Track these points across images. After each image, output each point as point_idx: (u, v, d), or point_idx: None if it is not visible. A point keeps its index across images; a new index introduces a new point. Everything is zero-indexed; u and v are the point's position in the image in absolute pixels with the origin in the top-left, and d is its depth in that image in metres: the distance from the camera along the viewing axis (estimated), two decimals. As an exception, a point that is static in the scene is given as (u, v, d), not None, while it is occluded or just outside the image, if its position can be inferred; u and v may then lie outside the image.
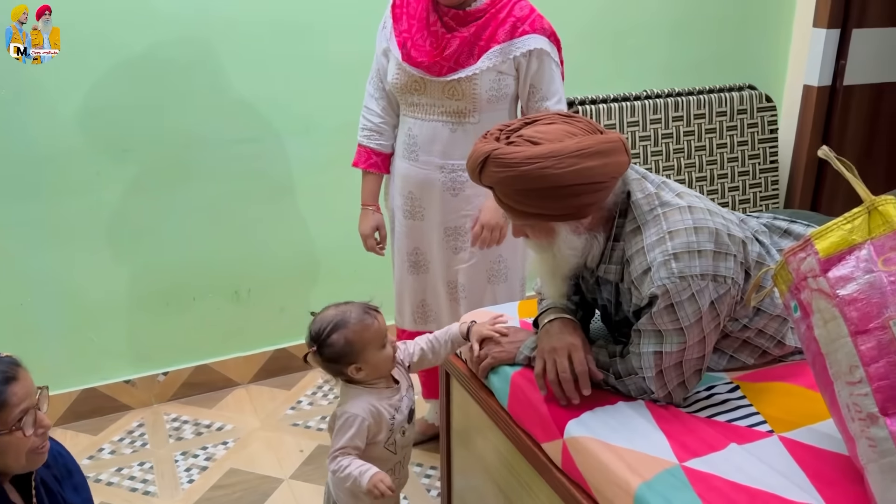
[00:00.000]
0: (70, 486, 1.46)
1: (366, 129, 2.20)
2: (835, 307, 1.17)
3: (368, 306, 1.57)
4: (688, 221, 1.40)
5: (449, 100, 2.02)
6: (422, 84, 2.03)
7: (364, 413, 1.53)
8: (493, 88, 2.00)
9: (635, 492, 1.23)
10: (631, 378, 1.46)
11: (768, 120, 3.37)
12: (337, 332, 1.52)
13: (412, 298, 2.29)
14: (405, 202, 2.19)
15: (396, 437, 1.61)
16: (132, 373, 2.77)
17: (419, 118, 2.09)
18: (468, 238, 2.15)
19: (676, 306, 1.37)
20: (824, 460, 1.29)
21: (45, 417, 1.29)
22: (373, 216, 2.26)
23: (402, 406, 1.61)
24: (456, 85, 1.99)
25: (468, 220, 2.13)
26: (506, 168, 1.35)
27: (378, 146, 2.20)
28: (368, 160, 2.21)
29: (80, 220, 2.54)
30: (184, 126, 2.58)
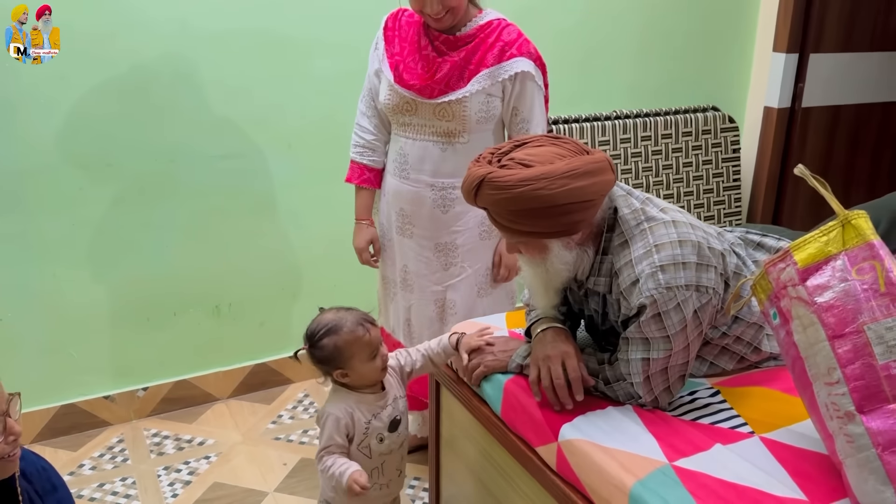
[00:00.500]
0: (54, 501, 1.45)
1: (358, 145, 2.26)
2: (813, 313, 1.26)
3: (366, 318, 1.62)
4: (672, 235, 1.48)
5: (439, 121, 2.09)
6: (413, 105, 2.10)
7: (339, 412, 1.60)
8: (482, 110, 2.08)
9: (630, 490, 1.30)
10: (619, 384, 1.53)
11: (731, 140, 3.51)
12: (329, 336, 1.58)
13: (401, 314, 2.35)
14: (397, 218, 2.25)
15: (371, 443, 1.64)
16: (112, 388, 2.76)
17: (410, 138, 2.15)
18: (459, 254, 2.21)
19: (663, 315, 1.45)
20: (803, 458, 1.38)
21: (15, 424, 1.27)
22: (367, 230, 2.31)
23: (382, 413, 1.65)
24: (446, 107, 2.06)
25: (458, 237, 2.20)
26: (500, 190, 1.42)
27: (371, 162, 2.25)
28: (361, 176, 2.26)
29: (62, 235, 2.54)
30: (167, 141, 2.61)
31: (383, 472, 1.69)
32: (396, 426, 1.68)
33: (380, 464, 1.68)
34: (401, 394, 1.72)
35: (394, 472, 1.72)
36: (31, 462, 1.44)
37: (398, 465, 1.73)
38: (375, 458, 1.66)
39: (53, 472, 1.49)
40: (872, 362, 1.20)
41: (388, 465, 1.70)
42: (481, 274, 2.25)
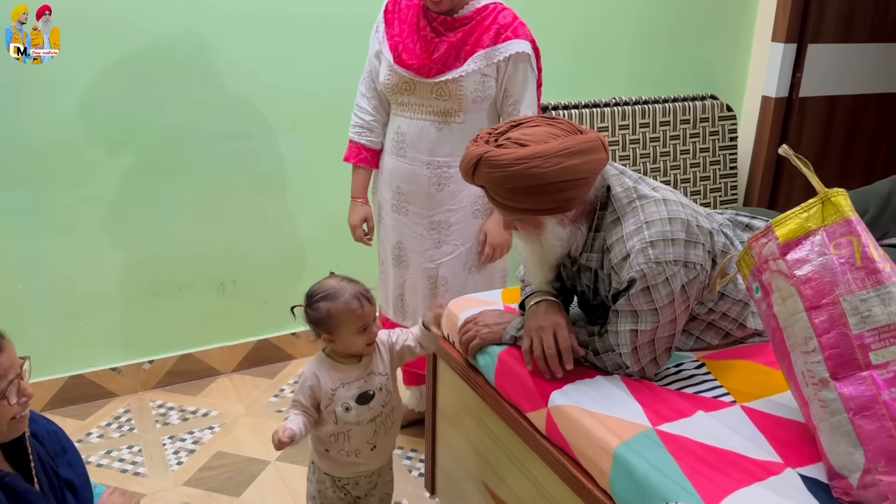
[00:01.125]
0: (65, 463, 1.50)
1: (357, 125, 2.32)
2: (792, 286, 1.32)
3: (364, 293, 1.69)
4: (662, 212, 1.55)
5: (437, 100, 2.16)
6: (411, 85, 2.16)
7: (309, 374, 1.70)
8: (477, 90, 2.14)
9: (614, 451, 1.37)
10: (608, 354, 1.60)
11: (728, 128, 3.56)
12: (325, 301, 1.66)
13: (394, 291, 2.42)
14: (393, 196, 2.31)
15: (336, 409, 1.69)
16: (119, 360, 2.83)
17: (408, 117, 2.22)
18: (452, 232, 2.28)
19: (652, 289, 1.51)
20: (781, 426, 1.44)
21: (27, 387, 1.34)
22: (361, 208, 2.38)
23: (352, 384, 1.70)
24: (443, 86, 2.13)
25: (452, 215, 2.26)
26: (497, 169, 1.48)
27: (368, 142, 2.32)
28: (359, 155, 2.33)
29: (73, 211, 2.61)
30: (177, 121, 2.67)
31: (349, 439, 1.73)
32: (367, 400, 1.71)
33: (345, 430, 1.72)
34: (382, 371, 1.75)
35: (363, 444, 1.74)
36: (42, 425, 1.49)
37: (369, 439, 1.75)
38: (340, 424, 1.71)
39: (63, 436, 1.55)
40: (847, 332, 1.26)
41: (356, 435, 1.73)
42: (473, 252, 2.32)
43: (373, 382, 1.73)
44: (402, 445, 2.58)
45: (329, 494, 1.83)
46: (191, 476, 2.41)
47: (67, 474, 1.49)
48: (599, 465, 1.40)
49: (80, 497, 1.51)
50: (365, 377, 1.73)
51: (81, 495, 1.51)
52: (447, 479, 2.07)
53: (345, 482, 1.81)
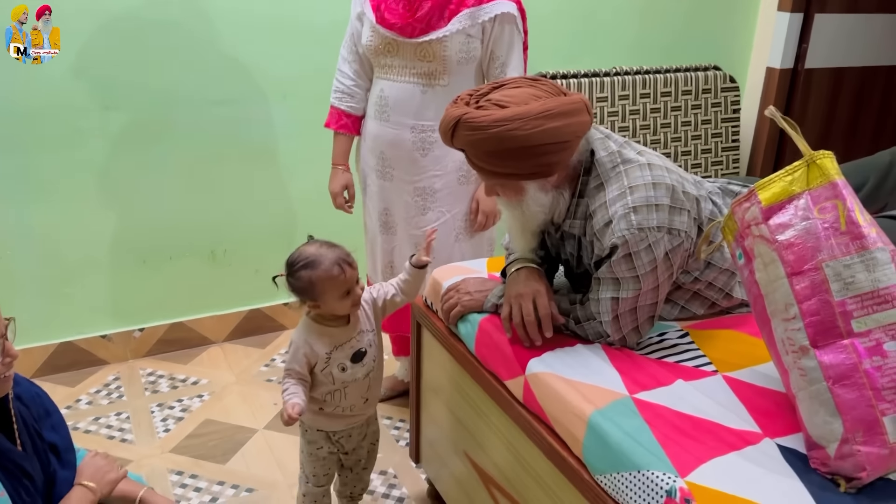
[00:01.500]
0: (48, 426, 1.50)
1: (338, 91, 2.28)
2: (774, 251, 1.28)
3: (345, 258, 1.66)
4: (647, 177, 1.50)
5: (420, 61, 2.11)
6: (394, 46, 2.11)
7: (300, 342, 1.69)
8: (462, 51, 2.09)
9: (588, 418, 1.34)
10: (589, 323, 1.57)
11: (731, 100, 3.49)
12: (306, 270, 1.64)
13: (382, 258, 2.39)
14: (377, 162, 2.28)
15: (333, 371, 1.70)
16: (109, 328, 2.82)
17: (391, 80, 2.17)
18: (438, 198, 2.24)
19: (634, 256, 1.48)
20: (763, 396, 1.41)
21: (12, 347, 1.33)
22: (342, 175, 2.34)
23: (346, 345, 1.70)
24: (427, 46, 2.08)
25: (437, 181, 2.23)
26: (476, 131, 1.44)
27: (349, 108, 2.28)
28: (339, 121, 2.29)
29: (60, 176, 2.58)
30: (165, 86, 2.63)
31: (345, 395, 1.75)
32: (360, 357, 1.73)
33: (342, 387, 1.74)
34: (369, 327, 1.76)
35: (358, 398, 1.77)
36: (26, 388, 1.49)
37: (363, 393, 1.78)
38: (338, 383, 1.73)
39: (47, 399, 1.54)
40: (828, 298, 1.22)
41: (352, 391, 1.75)
42: (459, 219, 2.28)
43: (363, 340, 1.74)
44: (391, 416, 2.57)
45: (322, 454, 1.83)
46: (178, 443, 2.40)
47: (51, 437, 1.49)
48: (573, 432, 1.37)
49: (63, 460, 1.51)
50: (356, 336, 1.73)
51: (65, 458, 1.51)
52: (431, 448, 2.05)
53: (339, 436, 1.83)
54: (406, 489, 2.23)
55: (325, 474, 1.87)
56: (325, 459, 1.84)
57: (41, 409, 1.51)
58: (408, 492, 2.22)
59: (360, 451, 1.90)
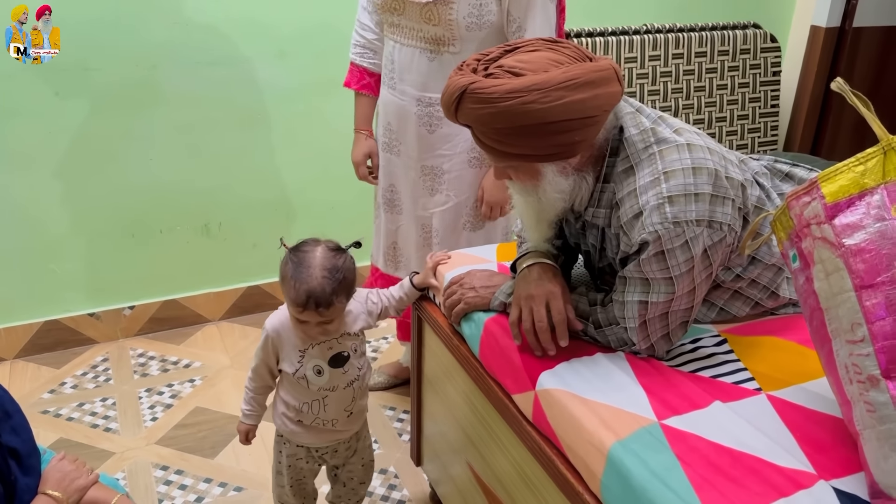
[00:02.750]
0: (8, 429, 1.36)
1: (358, 45, 2.03)
2: (839, 258, 1.06)
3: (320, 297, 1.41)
4: (686, 161, 1.27)
5: (426, 24, 1.85)
6: (401, 4, 1.86)
7: (271, 328, 1.53)
8: (472, 14, 1.82)
9: (608, 450, 1.13)
10: (611, 328, 1.36)
11: (772, 61, 3.21)
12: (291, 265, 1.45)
13: (385, 238, 2.18)
14: (384, 133, 2.05)
15: (307, 373, 1.53)
16: (96, 306, 2.66)
17: (399, 42, 1.93)
18: (445, 181, 2.01)
19: (667, 254, 1.25)
20: (815, 422, 1.20)
21: None
22: (365, 142, 2.11)
23: (322, 344, 1.52)
24: (433, 8, 1.82)
25: (445, 161, 1.99)
26: (485, 104, 1.21)
27: (371, 65, 2.03)
28: (361, 80, 2.05)
29: (38, 145, 2.39)
30: (148, 45, 2.41)
31: (325, 407, 1.57)
32: (341, 363, 1.55)
33: (321, 397, 1.56)
34: (355, 331, 1.56)
35: (340, 411, 1.59)
36: None
37: (346, 406, 1.60)
38: (314, 391, 1.55)
39: (7, 399, 1.39)
40: (906, 319, 1.00)
41: (333, 403, 1.57)
42: (468, 206, 2.04)
43: (345, 343, 1.55)
44: (394, 405, 2.39)
45: (302, 466, 1.67)
46: (164, 434, 2.24)
47: (11, 441, 1.35)
48: (590, 465, 1.17)
49: (24, 466, 1.36)
50: (337, 338, 1.54)
51: (27, 463, 1.37)
52: (433, 451, 1.87)
53: (322, 452, 1.66)
54: (407, 491, 2.06)
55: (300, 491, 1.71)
56: (305, 470, 1.68)
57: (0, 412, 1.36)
58: (409, 494, 2.05)
59: (351, 468, 1.73)
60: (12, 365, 2.54)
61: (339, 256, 1.45)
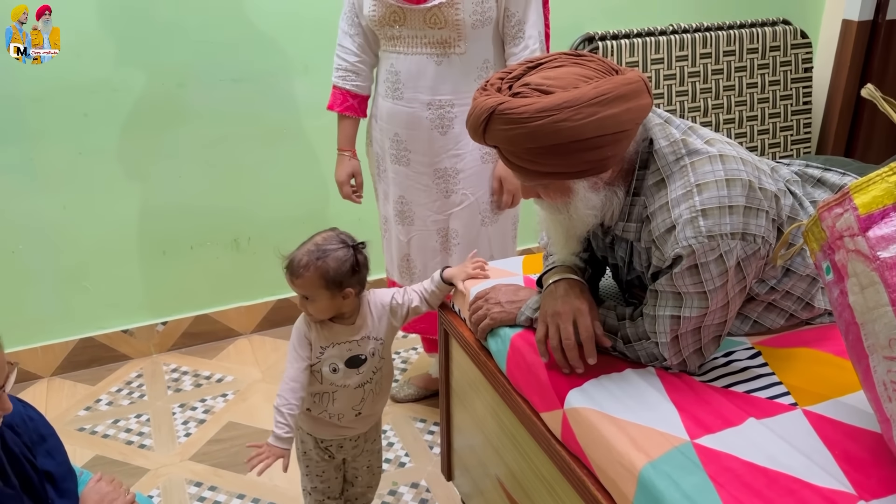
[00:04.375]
0: (43, 452, 1.38)
1: (341, 69, 2.07)
2: (874, 271, 1.02)
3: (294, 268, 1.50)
4: (719, 173, 1.24)
5: (431, 29, 1.87)
6: (401, 14, 1.87)
7: (302, 325, 1.57)
8: (476, 12, 1.85)
9: (640, 472, 1.11)
10: (641, 343, 1.33)
11: (803, 58, 3.15)
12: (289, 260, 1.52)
13: (398, 251, 2.19)
14: (392, 145, 2.06)
15: (323, 369, 1.57)
16: (130, 322, 2.69)
17: (401, 52, 1.94)
18: (460, 180, 2.03)
19: (701, 267, 1.23)
20: (854, 439, 1.16)
21: (6, 399, 1.19)
22: (349, 162, 2.15)
23: (342, 345, 1.57)
24: (437, 12, 1.84)
25: (459, 160, 2.01)
26: (515, 125, 1.18)
27: (354, 87, 2.07)
28: (344, 103, 2.08)
29: (69, 165, 2.43)
30: (174, 64, 2.44)
31: (333, 401, 1.61)
32: (357, 364, 1.58)
33: (330, 390, 1.60)
34: (375, 335, 1.61)
35: (347, 408, 1.62)
36: (17, 412, 1.35)
37: (355, 405, 1.63)
38: (326, 384, 1.58)
39: (42, 422, 1.41)
40: (947, 335, 0.96)
41: (341, 399, 1.61)
42: (484, 201, 2.06)
43: (365, 347, 1.59)
44: (424, 417, 2.38)
45: (313, 457, 1.71)
46: (198, 450, 2.26)
47: (46, 464, 1.36)
48: (621, 487, 1.14)
49: (60, 489, 1.38)
50: (357, 340, 1.58)
51: (62, 487, 1.38)
52: (463, 465, 1.85)
53: (328, 444, 1.70)
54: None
55: (324, 483, 1.73)
56: (315, 460, 1.71)
57: (35, 435, 1.38)
58: (441, 508, 2.04)
59: (357, 466, 1.76)
60: (49, 382, 2.59)
61: (333, 242, 1.52)
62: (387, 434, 2.32)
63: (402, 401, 2.45)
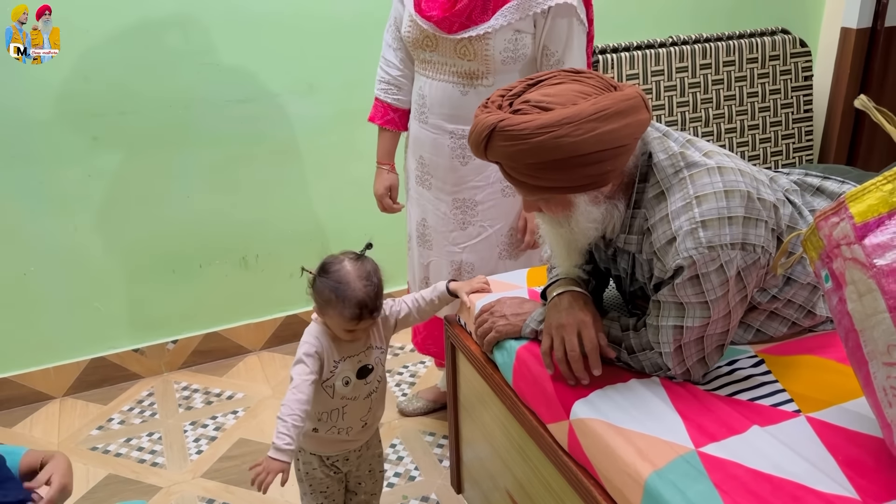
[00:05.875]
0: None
1: (383, 81, 2.06)
2: (871, 279, 1.04)
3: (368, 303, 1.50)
4: (717, 185, 1.26)
5: (461, 60, 1.86)
6: (434, 41, 1.87)
7: (313, 340, 1.57)
8: (507, 49, 1.82)
9: (645, 481, 1.13)
10: (645, 353, 1.35)
11: (802, 66, 3.17)
12: (329, 290, 1.51)
13: (419, 272, 2.19)
14: (417, 166, 2.07)
15: (336, 383, 1.59)
16: (141, 341, 2.72)
17: (430, 77, 1.94)
18: (479, 212, 2.02)
19: (702, 278, 1.25)
20: (857, 444, 1.17)
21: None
22: (387, 176, 2.14)
23: (353, 357, 1.59)
24: (467, 44, 1.82)
25: (478, 192, 1.99)
26: (516, 141, 1.21)
27: (396, 101, 2.06)
28: (385, 116, 2.07)
29: (78, 187, 2.46)
30: (180, 87, 2.48)
31: (343, 416, 1.63)
32: (366, 374, 1.62)
33: (341, 406, 1.62)
34: (378, 344, 1.64)
35: (356, 420, 1.65)
36: None
37: (363, 416, 1.66)
38: (337, 399, 1.61)
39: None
40: (944, 340, 0.98)
41: (351, 412, 1.63)
42: (503, 234, 2.04)
43: (371, 356, 1.62)
44: (434, 431, 2.39)
45: (318, 475, 1.72)
46: (210, 466, 2.28)
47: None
48: (628, 496, 1.16)
49: None
50: (364, 351, 1.61)
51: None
52: (473, 478, 1.87)
53: (333, 460, 1.71)
54: (450, 518, 2.06)
55: (328, 499, 1.75)
56: (321, 479, 1.72)
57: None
58: (452, 521, 2.05)
59: (360, 474, 1.78)
60: (62, 403, 2.61)
61: (364, 262, 1.54)
62: (396, 448, 2.33)
63: (411, 414, 2.46)
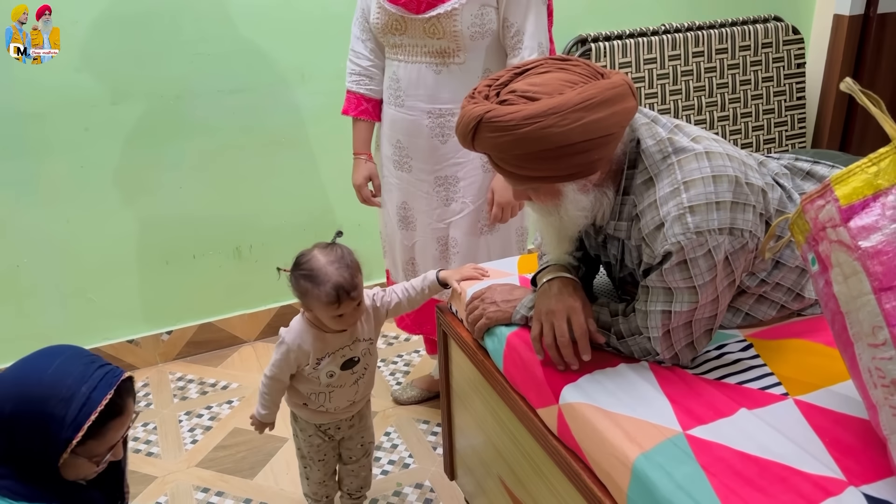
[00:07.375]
0: None
1: (354, 73, 2.08)
2: (856, 261, 1.04)
3: (345, 285, 1.54)
4: (705, 170, 1.26)
5: (431, 39, 1.89)
6: (402, 23, 1.90)
7: (292, 343, 1.63)
8: (475, 24, 1.86)
9: (633, 464, 1.13)
10: (634, 338, 1.35)
11: (795, 53, 3.17)
12: (305, 280, 1.56)
13: (402, 255, 2.21)
14: (394, 151, 2.08)
15: (320, 375, 1.66)
16: (135, 332, 2.72)
17: (402, 60, 1.97)
18: (461, 188, 2.04)
19: (690, 263, 1.25)
20: (844, 426, 1.18)
21: (121, 450, 1.29)
22: (365, 165, 2.15)
23: (337, 353, 1.64)
24: (436, 22, 1.86)
25: (459, 169, 2.02)
26: (502, 132, 1.21)
27: (369, 91, 2.08)
28: (359, 107, 2.10)
29: (71, 178, 2.46)
30: (172, 77, 2.47)
31: (330, 398, 1.72)
32: (351, 365, 1.68)
33: (327, 391, 1.71)
34: (365, 336, 1.69)
35: (343, 401, 1.74)
36: None
37: (349, 397, 1.75)
38: (323, 387, 1.70)
39: None
40: (928, 320, 0.99)
41: (337, 396, 1.72)
42: (483, 210, 2.07)
43: (357, 349, 1.67)
44: (427, 419, 2.40)
45: (316, 442, 1.80)
46: (204, 456, 2.29)
47: None
48: (616, 479, 1.17)
49: None
50: (350, 345, 1.65)
51: None
52: (466, 465, 1.88)
53: (325, 427, 1.81)
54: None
55: (323, 462, 1.83)
56: (320, 445, 1.81)
57: None
58: (446, 508, 2.06)
59: (352, 444, 1.85)
60: (57, 394, 2.61)
61: (334, 248, 1.59)
62: (390, 436, 2.34)
63: (405, 403, 2.47)
